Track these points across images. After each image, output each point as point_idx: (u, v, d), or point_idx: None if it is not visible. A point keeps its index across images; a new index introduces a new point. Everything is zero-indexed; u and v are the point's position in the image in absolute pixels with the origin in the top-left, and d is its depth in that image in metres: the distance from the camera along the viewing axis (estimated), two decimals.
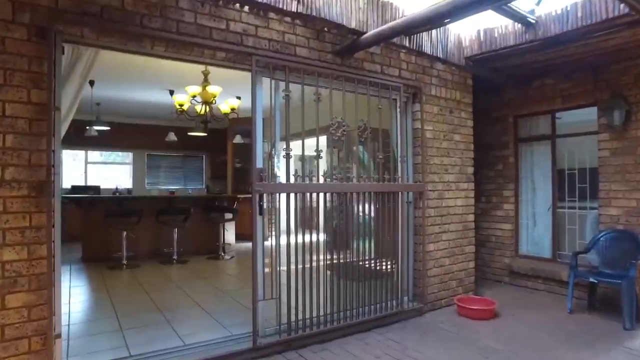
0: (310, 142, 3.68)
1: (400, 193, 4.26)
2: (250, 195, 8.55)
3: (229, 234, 7.89)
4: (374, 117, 4.03)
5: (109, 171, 10.61)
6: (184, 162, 11.36)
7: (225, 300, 4.59)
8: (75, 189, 9.66)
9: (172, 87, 7.23)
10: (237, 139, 8.67)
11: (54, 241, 2.67)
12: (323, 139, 3.80)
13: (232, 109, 5.65)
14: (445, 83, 4.78)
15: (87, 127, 7.47)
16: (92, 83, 7.03)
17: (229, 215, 7.38)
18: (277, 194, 3.49)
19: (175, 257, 6.79)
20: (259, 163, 3.46)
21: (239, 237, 8.85)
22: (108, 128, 8.58)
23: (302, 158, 3.66)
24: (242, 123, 9.57)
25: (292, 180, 3.51)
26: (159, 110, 9.29)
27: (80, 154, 10.33)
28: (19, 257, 2.52)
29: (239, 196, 7.83)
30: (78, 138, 9.89)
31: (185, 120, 10.46)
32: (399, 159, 4.38)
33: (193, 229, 7.37)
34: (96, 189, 9.86)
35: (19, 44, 2.51)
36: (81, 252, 7.04)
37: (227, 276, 5.85)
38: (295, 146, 3.62)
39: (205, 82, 5.35)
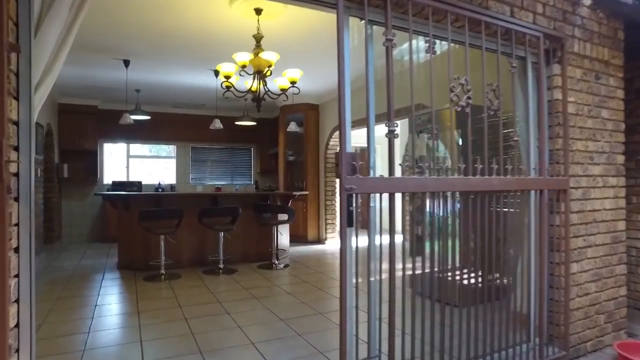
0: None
1: (537, 192, 2.94)
2: (306, 193, 7.37)
3: (282, 236, 6.78)
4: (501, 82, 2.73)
5: (152, 166, 9.80)
6: (231, 156, 10.40)
7: (287, 335, 3.44)
8: (115, 185, 8.89)
9: (217, 64, 6.17)
10: (292, 127, 7.51)
11: (15, 272, 1.57)
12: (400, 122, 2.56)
13: (292, 82, 4.47)
14: (590, 36, 3.38)
15: (124, 114, 6.49)
16: (127, 63, 6.09)
17: (283, 216, 6.26)
18: (378, 195, 2.26)
19: (221, 265, 5.74)
20: (349, 146, 2.26)
21: (292, 239, 7.75)
22: (148, 117, 7.67)
23: (412, 139, 2.42)
24: (295, 110, 8.45)
25: (397, 172, 2.29)
26: (203, 96, 8.32)
27: (124, 147, 9.57)
28: None
29: (294, 193, 6.68)
30: (118, 130, 9.14)
31: (233, 110, 9.47)
32: (533, 143, 3.06)
33: (241, 232, 6.31)
34: (138, 184, 9.06)
35: None
36: (117, 258, 6.16)
37: (285, 295, 4.71)
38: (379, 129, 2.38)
39: (258, 47, 4.20)
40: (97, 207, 9.04)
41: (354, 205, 2.16)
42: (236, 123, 8.28)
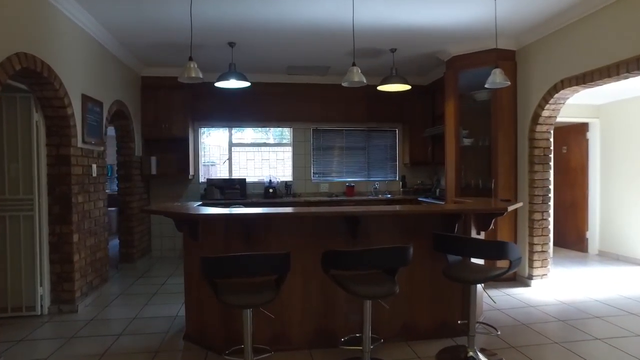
0: None
1: None
2: (518, 205, 3.77)
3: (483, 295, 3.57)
4: None
5: (263, 157, 7.26)
6: (368, 140, 7.39)
7: None
8: (210, 183, 6.53)
9: None
10: (497, 78, 3.70)
11: None
12: None
13: None
14: None
15: (188, 64, 3.66)
16: None
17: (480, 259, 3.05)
18: None
19: (368, 357, 2.77)
20: None
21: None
22: (247, 84, 5.05)
23: None
24: (473, 63, 5.18)
25: None
26: (328, 50, 5.42)
27: (225, 133, 7.18)
28: None
29: (506, 207, 3.29)
30: (216, 109, 6.76)
31: (371, 73, 6.19)
32: None
33: (405, 283, 3.25)
34: (240, 183, 6.60)
35: None
36: (185, 323, 3.57)
37: None
38: None
39: None
40: None
41: None
42: (379, 89, 5.34)
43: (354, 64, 3.59)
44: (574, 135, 7.08)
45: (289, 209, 3.39)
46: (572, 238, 7.14)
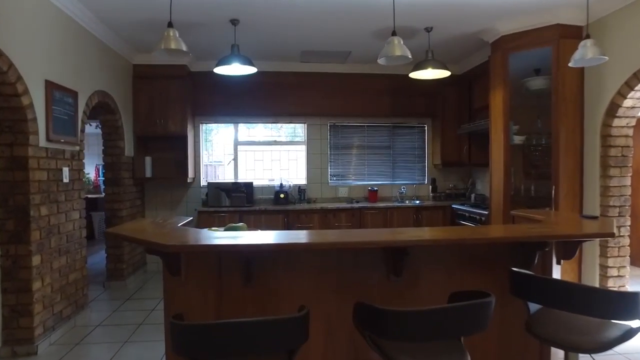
0: None
1: None
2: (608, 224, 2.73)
3: None
4: None
5: (272, 157, 6.38)
6: (392, 138, 6.44)
7: None
8: (212, 187, 5.67)
9: None
10: (588, 53, 2.59)
11: None
12: None
13: None
14: None
15: (166, 32, 2.73)
16: None
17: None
18: None
19: None
20: None
21: None
22: (253, 70, 4.19)
23: None
24: (527, 42, 4.23)
25: None
26: (349, 31, 4.50)
27: (230, 130, 6.31)
28: None
29: (612, 230, 2.39)
30: (219, 102, 5.90)
31: (401, 62, 5.24)
32: None
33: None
34: (247, 187, 5.73)
35: None
36: None
37: None
38: None
39: None
40: (193, 223, 5.94)
41: None
42: (411, 76, 4.44)
43: (394, 32, 2.67)
44: (639, 131, 6.06)
45: (303, 236, 2.48)
46: (637, 252, 6.13)
